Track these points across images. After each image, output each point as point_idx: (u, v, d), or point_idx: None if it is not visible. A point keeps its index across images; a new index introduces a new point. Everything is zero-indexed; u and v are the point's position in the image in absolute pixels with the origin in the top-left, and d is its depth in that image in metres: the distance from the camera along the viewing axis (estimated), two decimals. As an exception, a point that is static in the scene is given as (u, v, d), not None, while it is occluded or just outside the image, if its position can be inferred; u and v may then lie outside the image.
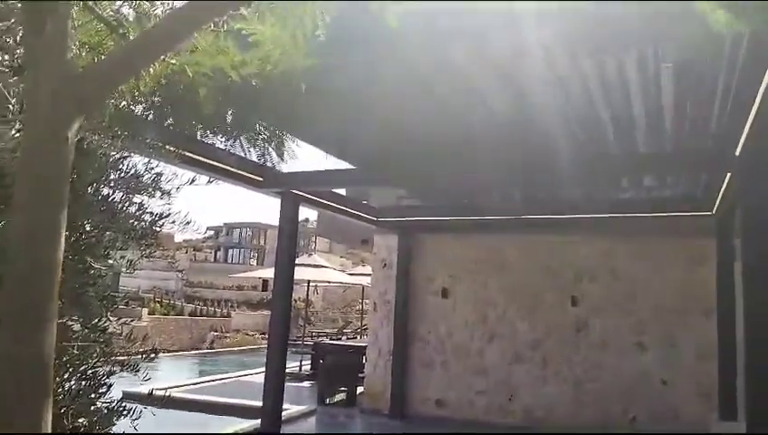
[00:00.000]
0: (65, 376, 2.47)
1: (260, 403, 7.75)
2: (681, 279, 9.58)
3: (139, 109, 2.53)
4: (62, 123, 1.92)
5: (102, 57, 2.36)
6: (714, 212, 7.93)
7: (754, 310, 5.09)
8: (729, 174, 6.22)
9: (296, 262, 9.44)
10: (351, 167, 7.68)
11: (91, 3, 2.25)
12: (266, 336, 8.35)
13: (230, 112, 2.53)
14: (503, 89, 5.17)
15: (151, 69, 2.35)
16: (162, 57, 2.37)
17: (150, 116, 2.55)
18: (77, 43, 2.30)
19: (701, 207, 8.17)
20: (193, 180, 3.04)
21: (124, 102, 2.44)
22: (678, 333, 9.51)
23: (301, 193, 7.89)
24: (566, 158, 6.82)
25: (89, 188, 2.50)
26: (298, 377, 14.91)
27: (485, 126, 6.02)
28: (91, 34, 2.32)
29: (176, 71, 2.38)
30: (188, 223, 2.91)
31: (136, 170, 2.66)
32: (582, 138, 6.31)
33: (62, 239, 1.91)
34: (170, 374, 17.90)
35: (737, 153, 5.33)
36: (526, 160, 6.98)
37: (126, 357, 2.78)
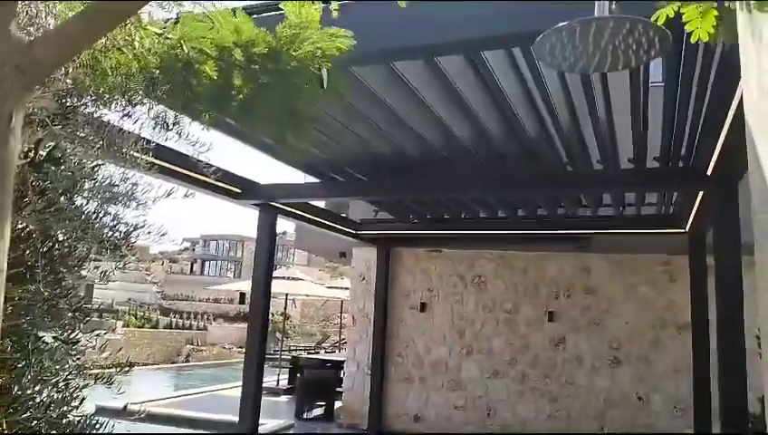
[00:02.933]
0: (36, 388, 2.43)
1: (237, 418, 7.67)
2: (656, 295, 9.71)
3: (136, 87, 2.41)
4: (5, 98, 1.77)
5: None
6: (687, 229, 8.05)
7: (727, 325, 5.18)
8: (701, 192, 6.34)
9: (274, 275, 9.39)
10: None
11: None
12: (243, 350, 8.27)
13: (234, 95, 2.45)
14: (475, 106, 5.22)
15: (149, 46, 2.25)
16: (160, 33, 2.29)
17: (146, 100, 2.45)
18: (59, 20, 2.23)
19: (674, 224, 8.29)
20: (170, 193, 3.01)
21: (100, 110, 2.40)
22: (654, 348, 9.62)
23: (278, 205, 7.86)
24: (540, 174, 6.90)
25: (62, 197, 2.46)
26: (275, 391, 14.77)
27: (463, 142, 6.07)
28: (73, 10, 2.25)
29: (173, 46, 2.28)
30: (164, 234, 2.88)
31: (111, 180, 2.62)
32: (554, 156, 6.37)
33: (8, 227, 1.77)
34: (145, 388, 17.61)
35: (709, 172, 5.44)
36: (502, 176, 7.05)
37: (100, 370, 2.74)
